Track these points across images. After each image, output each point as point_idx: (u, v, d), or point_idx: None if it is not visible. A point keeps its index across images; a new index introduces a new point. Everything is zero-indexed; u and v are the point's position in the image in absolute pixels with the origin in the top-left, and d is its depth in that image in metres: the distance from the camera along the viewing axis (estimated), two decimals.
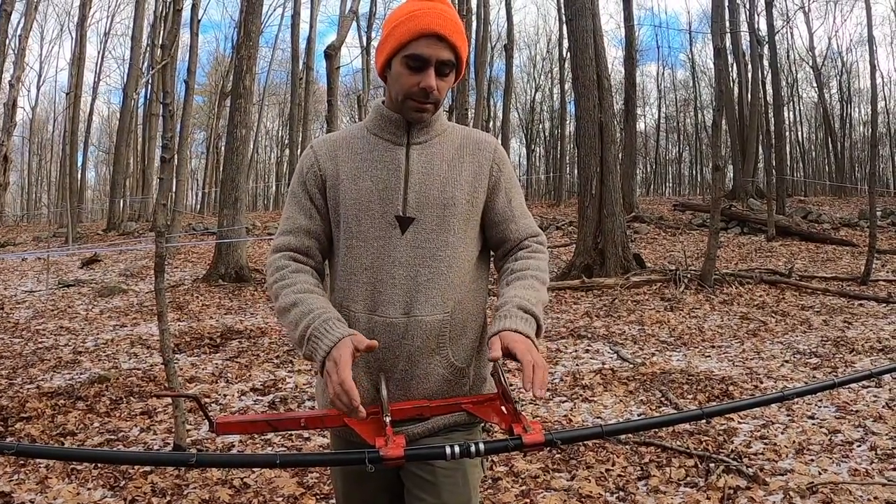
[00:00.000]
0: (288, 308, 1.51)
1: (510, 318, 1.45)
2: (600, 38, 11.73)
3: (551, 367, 5.97)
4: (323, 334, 1.42)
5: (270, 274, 1.60)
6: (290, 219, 1.64)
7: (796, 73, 38.34)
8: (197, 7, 20.03)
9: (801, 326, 7.31)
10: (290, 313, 1.49)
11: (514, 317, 1.46)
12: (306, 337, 1.44)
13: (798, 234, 15.33)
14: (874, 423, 4.16)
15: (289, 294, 1.52)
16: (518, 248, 1.67)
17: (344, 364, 1.35)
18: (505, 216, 1.65)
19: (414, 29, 1.49)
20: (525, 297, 1.51)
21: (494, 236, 1.68)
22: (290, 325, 1.49)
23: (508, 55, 25.48)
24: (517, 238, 1.67)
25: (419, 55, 1.50)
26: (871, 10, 12.27)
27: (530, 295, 1.53)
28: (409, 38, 1.50)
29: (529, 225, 1.69)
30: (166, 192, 4.95)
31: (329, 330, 1.42)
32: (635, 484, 3.48)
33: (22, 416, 4.64)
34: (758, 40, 22.49)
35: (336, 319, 1.46)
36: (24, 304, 10.21)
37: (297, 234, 1.62)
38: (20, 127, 33.02)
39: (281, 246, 1.63)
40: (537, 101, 42.69)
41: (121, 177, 25.00)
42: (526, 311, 1.48)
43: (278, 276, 1.57)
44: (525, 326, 1.44)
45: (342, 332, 1.42)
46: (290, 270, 1.57)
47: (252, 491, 3.48)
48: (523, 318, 1.46)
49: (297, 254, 1.61)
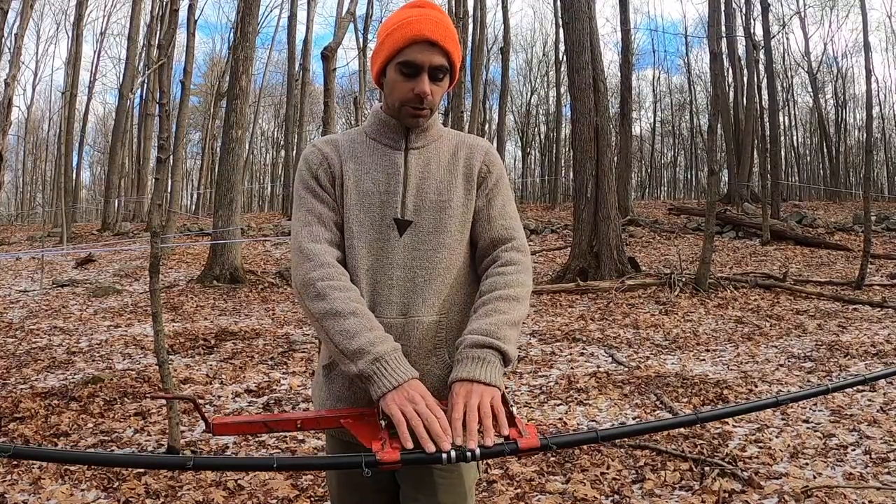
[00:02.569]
0: (344, 314, 1.43)
1: (460, 364, 1.41)
2: (597, 41, 11.76)
3: (546, 371, 5.97)
4: (398, 364, 1.38)
5: (313, 268, 1.49)
6: (313, 210, 1.57)
7: (792, 78, 38.51)
8: (194, 7, 19.97)
9: (795, 330, 7.33)
10: (348, 321, 1.42)
11: (465, 360, 1.41)
12: (374, 356, 1.37)
13: (793, 238, 15.38)
14: (869, 427, 4.18)
15: (345, 300, 1.45)
16: (490, 260, 1.62)
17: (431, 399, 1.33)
18: (480, 216, 1.63)
19: (406, 35, 1.51)
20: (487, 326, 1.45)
21: (472, 235, 1.65)
22: (343, 332, 1.41)
23: (504, 58, 25.47)
24: (491, 238, 1.62)
25: (412, 61, 1.52)
26: (867, 15, 12.34)
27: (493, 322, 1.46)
28: (402, 44, 1.51)
29: (506, 227, 1.63)
30: (162, 192, 4.94)
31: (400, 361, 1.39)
32: (630, 487, 3.48)
33: (15, 417, 4.62)
34: (753, 45, 22.57)
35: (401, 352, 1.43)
36: (17, 303, 10.17)
37: (328, 226, 1.56)
38: (15, 126, 32.93)
39: (317, 236, 1.54)
40: (533, 104, 42.79)
41: (116, 177, 24.93)
42: (484, 347, 1.42)
43: (325, 273, 1.48)
44: (481, 371, 1.38)
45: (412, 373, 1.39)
46: (340, 272, 1.50)
47: (246, 493, 3.47)
48: (474, 360, 1.40)
49: (336, 250, 1.55)
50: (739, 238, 16.26)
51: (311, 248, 1.51)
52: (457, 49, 1.56)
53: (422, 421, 1.27)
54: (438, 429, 1.26)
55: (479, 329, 1.44)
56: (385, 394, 1.33)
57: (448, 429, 1.27)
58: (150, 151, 25.23)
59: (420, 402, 1.31)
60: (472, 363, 1.40)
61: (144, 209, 24.60)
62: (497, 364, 1.41)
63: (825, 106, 36.53)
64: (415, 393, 1.33)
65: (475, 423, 1.29)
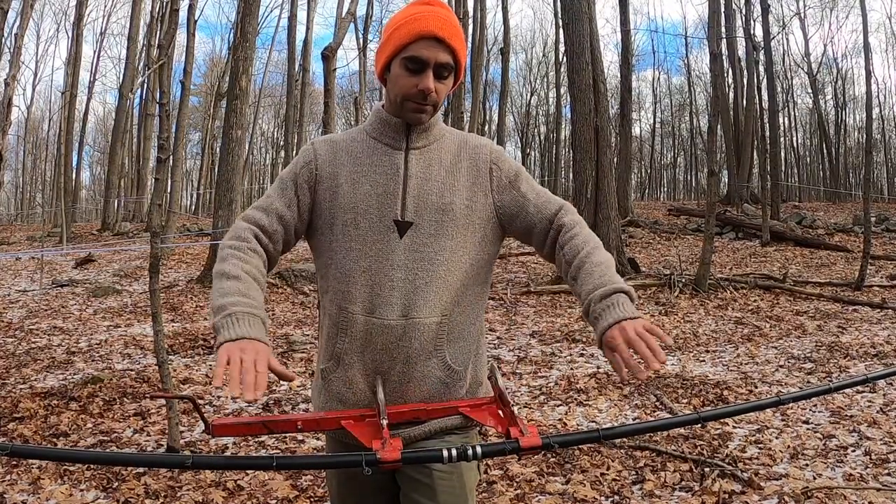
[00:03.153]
0: (228, 275, 1.48)
1: (604, 315, 1.43)
2: (597, 42, 11.76)
3: (546, 371, 5.97)
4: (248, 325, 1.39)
5: (230, 237, 1.58)
6: (269, 198, 1.63)
7: (791, 79, 38.56)
8: (194, 8, 19.99)
9: (795, 331, 7.33)
10: (228, 282, 1.46)
11: (606, 310, 1.44)
12: (228, 312, 1.39)
13: (792, 239, 15.37)
14: (868, 428, 4.17)
15: (237, 266, 1.50)
16: (553, 232, 1.63)
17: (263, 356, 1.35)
18: (519, 204, 1.63)
19: (413, 31, 1.50)
20: (598, 284, 1.49)
21: (520, 228, 1.65)
22: (220, 290, 1.45)
23: (504, 59, 25.45)
24: (542, 218, 1.63)
25: (418, 57, 1.51)
26: (867, 16, 12.35)
27: (598, 276, 1.51)
28: (408, 40, 1.51)
29: (549, 200, 1.65)
30: (162, 192, 4.94)
31: (253, 324, 1.39)
32: (630, 488, 3.48)
33: (14, 417, 4.62)
34: (754, 46, 22.58)
35: (263, 321, 1.44)
36: (17, 303, 10.16)
37: (271, 215, 1.60)
38: (15, 126, 32.92)
39: (251, 218, 1.61)
40: (533, 104, 42.84)
41: (115, 177, 24.90)
42: (607, 296, 1.46)
43: (236, 244, 1.55)
44: (621, 311, 1.42)
45: (262, 335, 1.40)
46: (249, 247, 1.56)
47: (246, 493, 3.47)
48: (611, 305, 1.44)
49: (262, 233, 1.60)
50: (739, 239, 16.25)
51: (238, 224, 1.60)
52: (463, 48, 1.55)
53: (240, 367, 1.29)
54: (250, 379, 1.27)
55: (600, 283, 1.48)
56: (223, 342, 1.34)
57: (261, 385, 1.29)
58: (149, 151, 25.21)
59: (249, 354, 1.32)
60: (615, 308, 1.43)
61: (144, 209, 24.58)
62: (629, 301, 1.46)
63: (825, 107, 36.60)
64: (249, 347, 1.34)
65: (645, 347, 1.34)
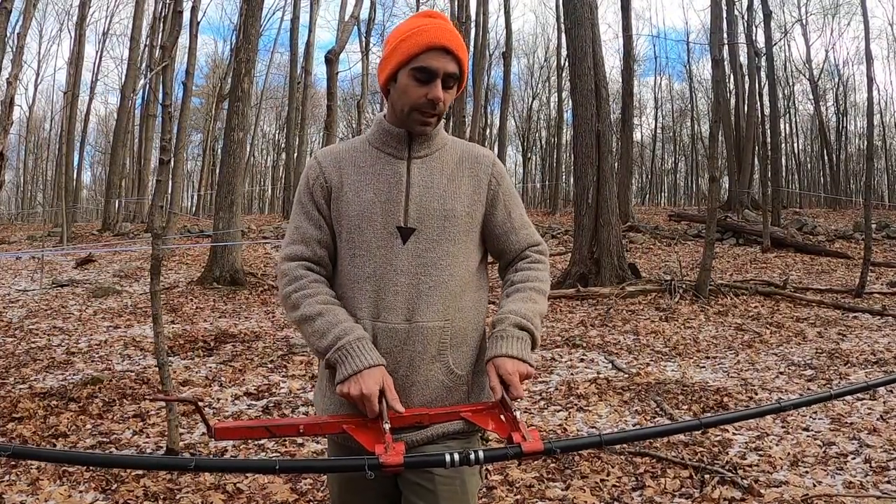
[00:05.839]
0: (313, 317, 1.55)
1: (505, 341, 1.56)
2: (599, 47, 11.76)
3: (546, 377, 5.96)
4: (358, 352, 1.50)
5: (288, 283, 1.62)
6: (299, 228, 1.66)
7: (793, 86, 38.56)
8: (196, 9, 20.03)
9: (795, 338, 7.32)
10: (316, 322, 1.54)
11: (508, 338, 1.56)
12: (336, 347, 1.50)
13: (793, 245, 15.37)
14: (869, 436, 4.17)
15: (313, 304, 1.56)
16: (519, 259, 1.74)
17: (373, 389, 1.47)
18: (504, 228, 1.71)
19: (422, 42, 1.54)
20: (521, 311, 1.60)
21: (495, 247, 1.74)
22: (315, 333, 1.54)
23: (506, 63, 25.49)
24: (517, 248, 1.73)
25: (427, 67, 1.54)
26: (868, 23, 12.35)
27: (527, 308, 1.61)
28: (417, 50, 1.54)
29: (530, 235, 1.75)
30: (163, 193, 4.94)
31: (363, 350, 1.50)
32: (630, 494, 3.47)
33: (14, 417, 4.61)
34: (755, 52, 22.61)
35: (368, 340, 1.54)
36: (17, 303, 10.16)
37: (310, 244, 1.65)
38: (17, 125, 32.93)
39: (294, 255, 1.65)
40: (534, 109, 42.81)
41: (117, 177, 24.90)
42: (521, 328, 1.57)
43: (298, 285, 1.60)
44: (517, 347, 1.55)
45: (375, 358, 1.51)
46: (310, 280, 1.61)
47: (245, 496, 3.46)
48: (517, 338, 1.56)
49: (311, 263, 1.64)
50: (740, 245, 16.25)
51: (286, 266, 1.65)
52: (466, 59, 1.61)
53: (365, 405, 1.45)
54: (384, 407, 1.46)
55: (520, 311, 1.60)
56: (344, 379, 1.48)
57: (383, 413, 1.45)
58: (150, 152, 25.26)
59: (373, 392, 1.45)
60: (517, 343, 1.56)
61: (145, 210, 24.56)
62: (529, 345, 1.59)
63: (826, 113, 36.59)
64: (371, 381, 1.46)
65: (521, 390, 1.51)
